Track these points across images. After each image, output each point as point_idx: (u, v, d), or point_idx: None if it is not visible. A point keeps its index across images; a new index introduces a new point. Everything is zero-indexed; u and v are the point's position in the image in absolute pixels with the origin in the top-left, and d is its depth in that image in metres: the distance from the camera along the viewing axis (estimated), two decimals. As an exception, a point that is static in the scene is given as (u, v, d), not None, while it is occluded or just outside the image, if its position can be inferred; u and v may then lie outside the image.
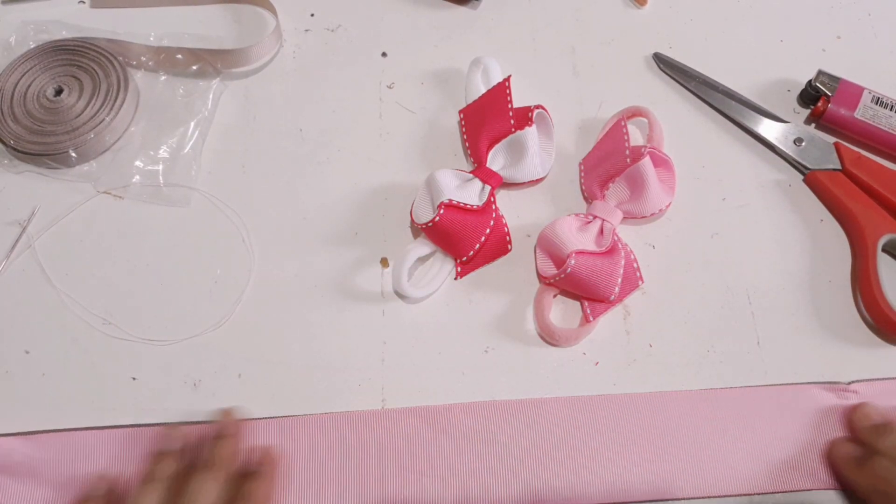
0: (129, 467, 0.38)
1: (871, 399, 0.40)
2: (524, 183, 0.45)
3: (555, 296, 0.42)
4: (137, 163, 0.46)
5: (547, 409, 0.39)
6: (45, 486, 0.38)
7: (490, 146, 0.44)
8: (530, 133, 0.43)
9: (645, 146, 0.42)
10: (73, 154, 0.45)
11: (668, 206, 0.44)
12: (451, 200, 0.41)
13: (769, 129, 0.47)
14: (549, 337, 0.41)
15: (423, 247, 0.43)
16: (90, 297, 0.43)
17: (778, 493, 0.38)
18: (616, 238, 0.41)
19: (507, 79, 0.44)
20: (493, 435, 0.39)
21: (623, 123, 0.43)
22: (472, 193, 0.42)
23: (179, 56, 0.48)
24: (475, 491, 0.38)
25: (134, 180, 0.46)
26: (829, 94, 0.46)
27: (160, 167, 0.46)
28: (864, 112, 0.46)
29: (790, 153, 0.46)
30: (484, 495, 0.38)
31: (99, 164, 0.46)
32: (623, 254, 0.41)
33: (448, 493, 0.38)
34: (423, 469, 0.38)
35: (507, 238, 0.44)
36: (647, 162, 0.42)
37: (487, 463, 0.38)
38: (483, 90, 0.46)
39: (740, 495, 0.38)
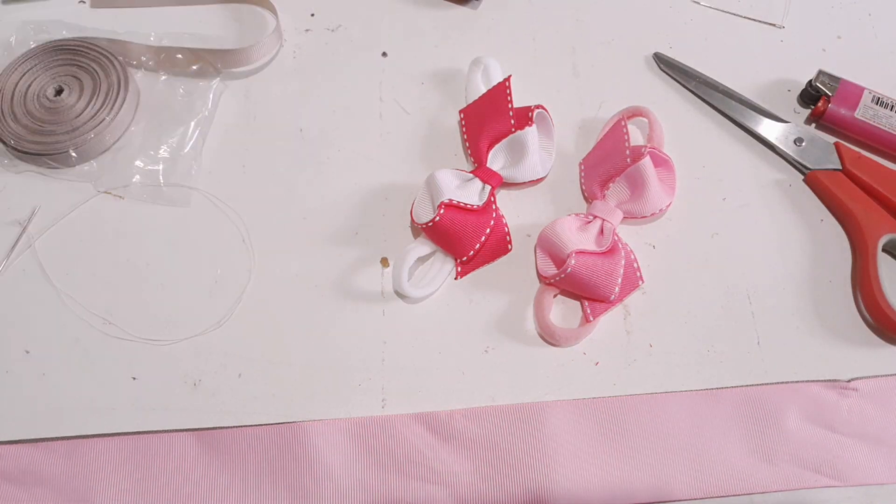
0: (137, 476, 0.38)
1: (872, 397, 0.40)
2: (524, 183, 0.45)
3: (555, 296, 0.42)
4: (138, 162, 0.46)
5: (548, 412, 0.39)
6: (52, 496, 0.38)
7: (490, 146, 0.44)
8: (530, 133, 0.43)
9: (645, 146, 0.42)
10: (74, 154, 0.45)
11: (668, 206, 0.44)
12: (451, 200, 0.41)
13: (769, 129, 0.47)
14: (549, 337, 0.41)
15: (423, 247, 0.42)
16: (90, 297, 0.42)
17: (779, 492, 0.38)
18: (616, 238, 0.41)
19: (508, 79, 0.44)
20: (495, 440, 0.39)
21: (623, 123, 0.43)
22: (472, 193, 0.42)
23: (179, 56, 0.48)
24: (477, 496, 0.38)
25: (134, 180, 0.46)
26: (830, 94, 0.46)
27: (160, 167, 0.46)
28: (865, 112, 0.45)
29: (790, 153, 0.46)
30: (485, 501, 0.38)
31: (99, 164, 0.46)
32: (623, 254, 0.41)
33: (450, 500, 0.38)
34: (425, 476, 0.38)
35: (508, 238, 0.44)
36: (647, 162, 0.42)
37: (488, 468, 0.38)
38: (483, 90, 0.46)
39: (742, 495, 0.38)
